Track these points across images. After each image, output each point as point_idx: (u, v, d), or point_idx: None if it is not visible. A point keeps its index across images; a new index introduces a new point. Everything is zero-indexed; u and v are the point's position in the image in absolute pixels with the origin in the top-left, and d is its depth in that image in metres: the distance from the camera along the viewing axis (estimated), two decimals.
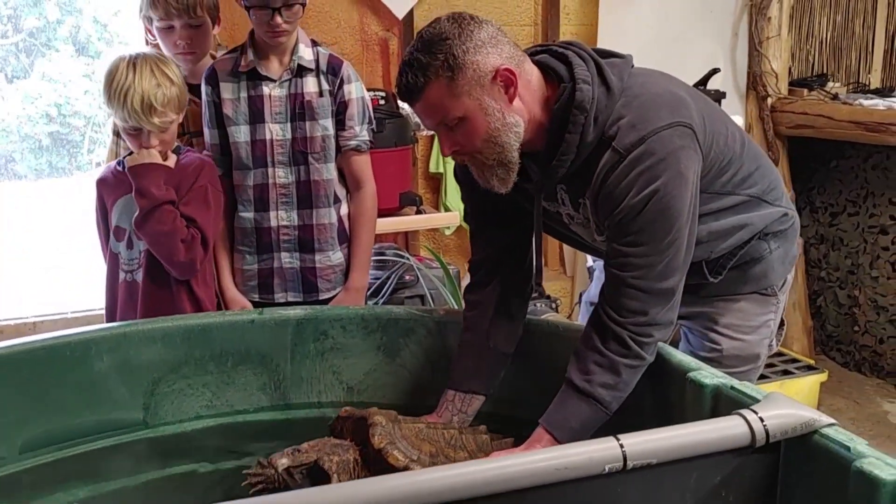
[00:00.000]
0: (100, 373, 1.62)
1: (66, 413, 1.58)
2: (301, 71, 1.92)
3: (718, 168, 1.50)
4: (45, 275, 4.75)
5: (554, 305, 3.07)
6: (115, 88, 1.76)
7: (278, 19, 1.81)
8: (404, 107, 3.05)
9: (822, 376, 3.08)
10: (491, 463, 1.01)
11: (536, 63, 1.44)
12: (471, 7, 3.19)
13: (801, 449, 1.11)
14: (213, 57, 2.09)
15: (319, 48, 1.97)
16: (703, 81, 3.01)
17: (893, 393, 3.26)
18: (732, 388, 1.27)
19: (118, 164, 1.92)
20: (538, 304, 2.95)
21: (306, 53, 1.93)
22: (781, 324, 1.77)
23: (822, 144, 3.42)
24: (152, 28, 2.00)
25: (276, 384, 1.73)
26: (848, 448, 1.05)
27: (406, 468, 1.35)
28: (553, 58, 1.44)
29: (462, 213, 2.97)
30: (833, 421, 1.11)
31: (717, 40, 3.47)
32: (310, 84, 1.92)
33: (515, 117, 1.38)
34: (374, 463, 1.41)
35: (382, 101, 2.90)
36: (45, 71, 7.57)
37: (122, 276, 1.93)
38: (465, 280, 3.22)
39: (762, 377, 3.02)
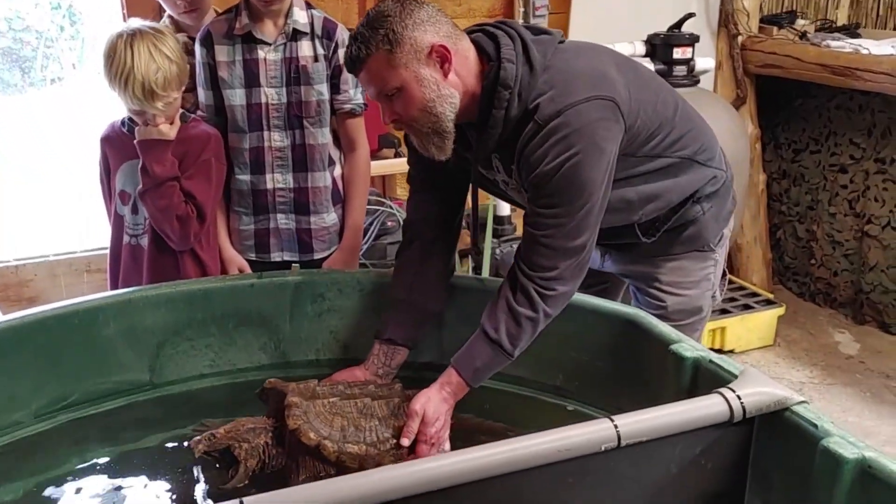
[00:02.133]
0: (107, 338, 1.69)
1: (77, 378, 1.66)
2: (296, 35, 1.92)
3: (647, 134, 1.61)
4: (15, 208, 4.67)
5: None
6: (115, 72, 1.75)
7: None
8: None
9: (780, 310, 3.26)
10: (499, 447, 1.11)
11: (472, 41, 1.55)
12: None
13: (773, 424, 1.23)
14: (216, 11, 2.08)
15: (314, 11, 1.97)
16: (678, 25, 3.04)
17: (844, 324, 3.46)
18: (711, 361, 1.39)
19: (122, 123, 1.93)
20: (513, 246, 3.05)
21: (301, 17, 1.93)
22: (724, 275, 1.92)
23: (789, 83, 3.50)
24: None
25: (276, 344, 1.82)
26: (816, 426, 1.17)
27: (318, 445, 1.46)
28: (486, 36, 1.55)
29: None
30: (804, 399, 1.24)
31: None
32: (305, 48, 1.92)
33: (450, 90, 1.49)
34: (290, 441, 1.51)
35: None
36: None
37: (126, 238, 1.97)
38: None
39: (724, 311, 3.19)
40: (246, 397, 1.77)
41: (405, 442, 1.49)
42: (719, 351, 3.17)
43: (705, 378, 1.39)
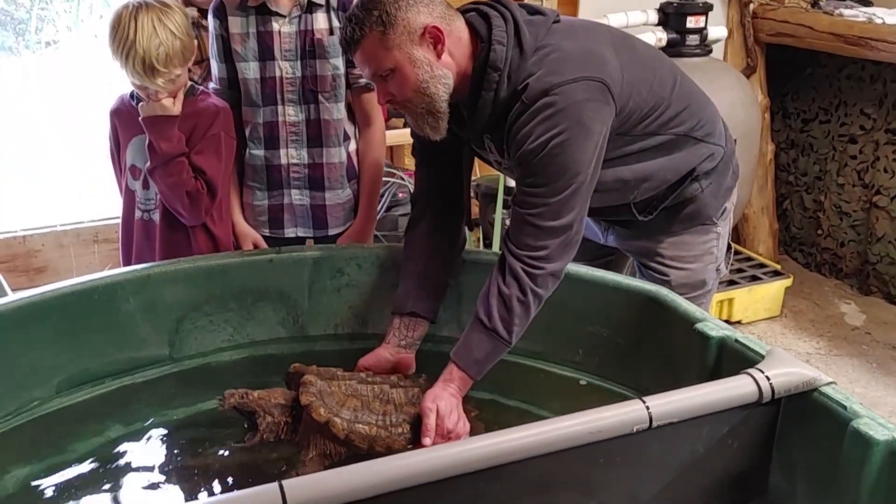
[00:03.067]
0: (127, 314, 1.68)
1: (97, 353, 1.66)
2: (311, 7, 1.88)
3: (641, 114, 1.60)
4: (18, 177, 4.63)
5: None
6: (118, 45, 1.72)
7: None
8: None
9: (787, 282, 3.27)
10: (533, 429, 1.11)
11: (466, 21, 1.55)
12: None
13: (800, 404, 1.24)
14: None
15: None
16: None
17: (850, 294, 3.47)
18: (737, 340, 1.39)
19: (130, 96, 1.90)
20: None
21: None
22: (728, 248, 1.92)
23: (799, 52, 3.46)
24: None
25: (295, 318, 1.82)
26: (845, 407, 1.18)
27: (328, 422, 1.47)
28: (479, 17, 1.55)
29: None
30: (832, 380, 1.24)
31: None
32: (320, 21, 1.88)
33: (444, 70, 1.50)
34: (304, 418, 1.52)
35: None
36: None
37: (138, 213, 1.95)
38: None
39: (732, 283, 3.20)
40: (264, 371, 1.78)
41: (427, 441, 1.48)
42: (726, 322, 3.17)
43: (731, 357, 1.39)
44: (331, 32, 1.90)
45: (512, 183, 3.09)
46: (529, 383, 1.71)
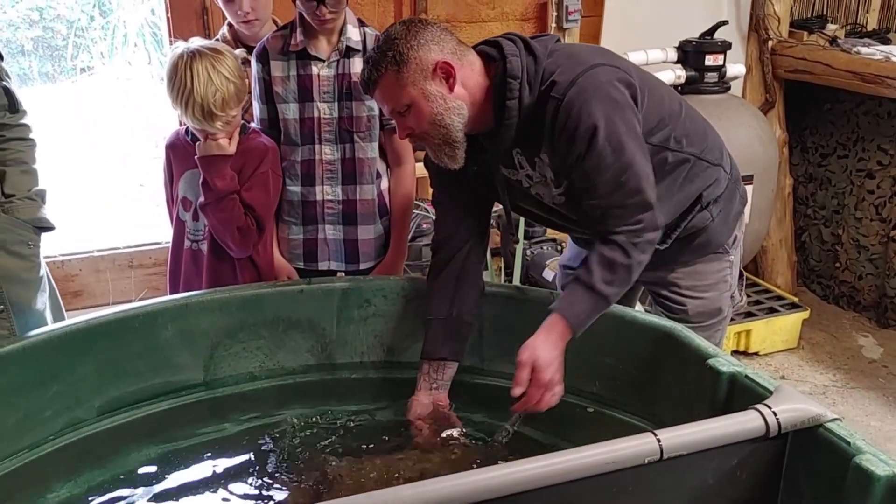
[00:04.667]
0: (165, 340, 1.77)
1: (136, 378, 1.75)
2: (349, 52, 1.98)
3: (651, 124, 1.67)
4: (62, 203, 4.76)
5: (560, 248, 3.23)
6: (177, 93, 1.83)
7: (323, 10, 1.87)
8: None
9: (805, 314, 3.31)
10: (548, 459, 1.18)
11: (478, 52, 1.64)
12: None
13: (806, 439, 1.29)
14: (276, 22, 2.14)
15: (366, 29, 2.03)
16: (710, 32, 3.08)
17: (867, 327, 3.50)
18: (747, 376, 1.45)
19: (186, 132, 2.00)
20: (543, 247, 3.11)
21: (354, 34, 1.99)
22: (741, 276, 1.99)
23: (817, 87, 3.52)
24: None
25: (323, 347, 1.90)
26: (848, 443, 1.23)
27: None
28: (489, 45, 1.65)
29: None
30: (837, 417, 1.30)
31: None
32: (357, 65, 1.98)
33: (457, 101, 1.58)
34: None
35: None
36: None
37: (187, 243, 2.05)
38: None
39: (749, 314, 3.24)
40: (293, 397, 1.86)
41: (516, 391, 1.55)
42: (744, 353, 3.23)
43: (741, 392, 1.45)
44: None
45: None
46: (547, 413, 1.77)
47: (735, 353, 3.21)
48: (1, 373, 1.56)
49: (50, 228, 1.85)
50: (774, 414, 1.29)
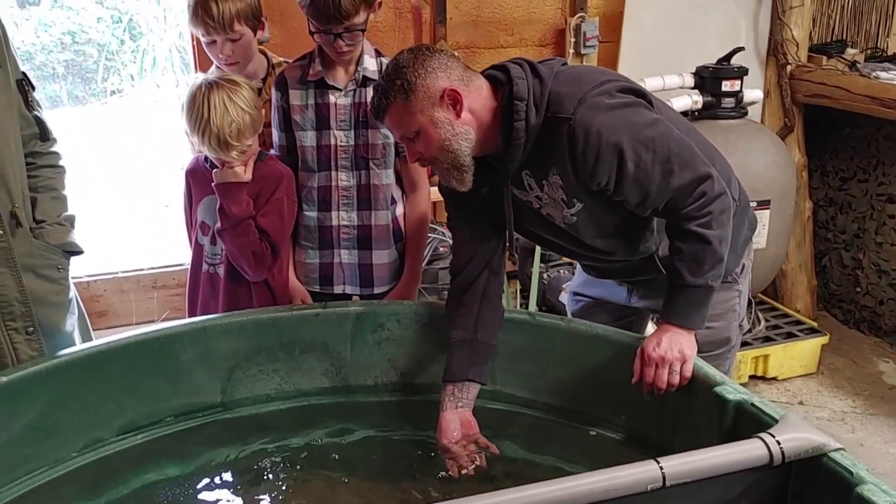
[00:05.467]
0: (184, 362, 1.82)
1: (155, 399, 1.80)
2: (366, 81, 2.02)
3: None
4: (87, 223, 4.85)
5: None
6: (194, 122, 1.89)
7: (340, 42, 1.92)
8: None
9: (824, 339, 3.29)
10: (553, 485, 1.20)
11: (486, 77, 1.68)
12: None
13: (810, 468, 1.30)
14: (263, 53, 2.19)
15: (383, 59, 2.07)
16: (727, 58, 3.10)
17: (889, 353, 3.47)
18: (753, 404, 1.46)
19: (205, 158, 2.05)
20: (560, 271, 3.13)
21: (370, 64, 2.04)
22: (749, 304, 1.99)
23: (837, 112, 3.52)
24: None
25: (338, 369, 1.93)
26: (851, 473, 1.24)
27: None
28: (496, 70, 1.69)
29: None
30: (841, 446, 1.31)
31: (740, 7, 3.53)
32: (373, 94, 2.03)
33: (464, 127, 1.62)
34: None
35: None
36: None
37: (205, 266, 2.11)
38: None
39: (767, 339, 3.23)
40: (308, 418, 1.89)
41: (634, 380, 1.64)
42: (762, 378, 3.21)
43: (747, 421, 1.46)
44: None
45: None
46: (563, 439, 1.79)
47: (753, 377, 3.20)
48: (26, 393, 1.62)
49: (79, 252, 1.90)
50: (778, 443, 1.30)
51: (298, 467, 1.79)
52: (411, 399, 1.93)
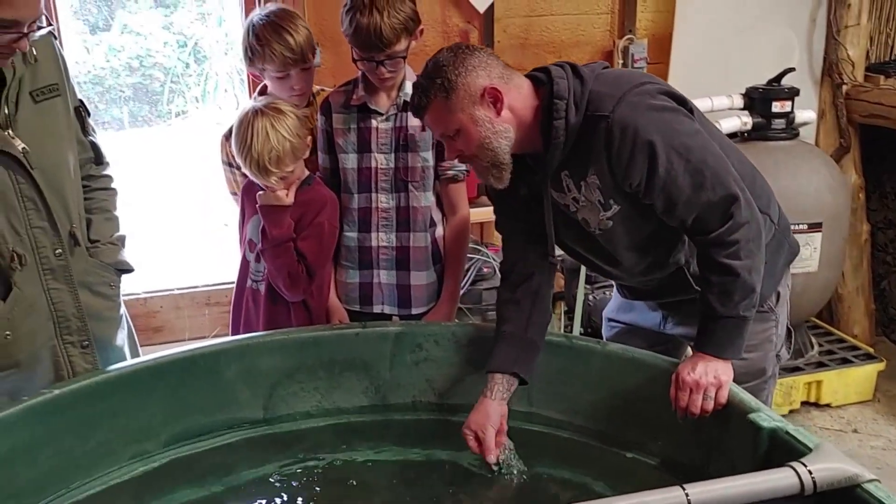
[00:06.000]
0: (228, 379, 1.88)
1: (200, 413, 1.85)
2: (406, 106, 2.06)
3: None
4: (145, 240, 5.01)
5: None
6: (238, 146, 1.96)
7: (382, 69, 1.98)
8: None
9: (881, 365, 3.20)
10: None
11: (527, 77, 1.68)
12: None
13: (843, 499, 1.28)
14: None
15: None
16: (778, 79, 3.06)
17: None
18: (787, 432, 1.44)
19: None
20: (606, 293, 3.12)
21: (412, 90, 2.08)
22: (789, 333, 1.94)
23: (895, 132, 3.44)
24: (263, 75, 2.14)
25: (377, 388, 1.97)
26: None
27: None
28: (537, 71, 1.70)
29: None
30: (875, 477, 1.28)
31: (793, 27, 3.48)
32: (414, 119, 2.04)
33: (504, 125, 1.63)
34: None
35: None
36: (126, 23, 7.85)
37: (249, 282, 2.18)
38: None
39: (821, 364, 3.16)
40: (347, 436, 1.93)
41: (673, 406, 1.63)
42: (815, 405, 3.14)
43: (781, 449, 1.44)
44: (423, 129, 2.08)
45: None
46: (597, 462, 1.79)
47: (805, 404, 3.13)
48: (76, 405, 1.69)
49: (129, 270, 1.98)
50: (810, 472, 1.29)
51: (337, 484, 1.81)
52: (449, 419, 1.94)
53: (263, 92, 2.23)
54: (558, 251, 1.86)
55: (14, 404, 1.62)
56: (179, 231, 5.20)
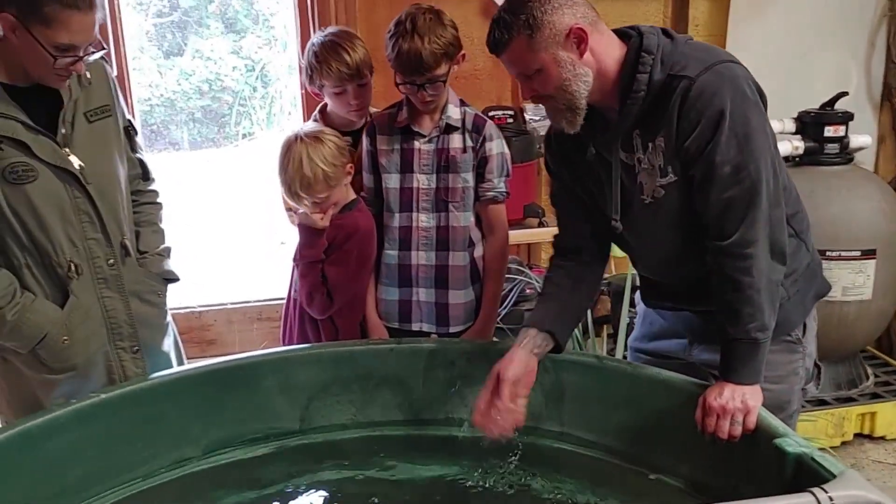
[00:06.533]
0: (266, 390, 1.94)
1: (239, 422, 1.92)
2: (449, 128, 2.13)
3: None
4: (205, 257, 5.19)
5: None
6: (279, 170, 2.06)
7: (423, 93, 2.04)
8: (531, 121, 3.23)
9: None
10: None
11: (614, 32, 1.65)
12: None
13: None
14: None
15: (467, 108, 2.18)
16: (831, 103, 3.01)
17: None
18: (813, 458, 1.43)
19: None
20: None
21: (454, 113, 2.14)
22: (818, 369, 1.88)
23: None
24: (322, 92, 2.23)
25: (410, 403, 2.00)
26: None
27: None
28: (626, 28, 1.66)
29: None
30: None
31: (850, 51, 3.42)
32: (455, 141, 2.13)
33: (585, 69, 1.58)
34: None
35: (510, 120, 3.09)
36: (198, 48, 8.17)
37: (294, 294, 2.28)
38: None
39: (875, 396, 3.07)
40: (380, 449, 1.97)
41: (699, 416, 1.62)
42: (868, 437, 3.05)
43: (806, 474, 1.42)
44: (464, 151, 2.14)
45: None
46: (623, 483, 1.79)
47: (858, 436, 3.04)
48: (122, 409, 1.77)
49: (175, 280, 2.08)
50: (831, 498, 1.28)
51: (369, 496, 1.85)
52: (480, 436, 1.96)
53: (324, 111, 2.32)
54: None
55: (65, 406, 1.72)
56: (241, 248, 5.37)
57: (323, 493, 1.87)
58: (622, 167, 1.70)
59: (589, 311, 3.38)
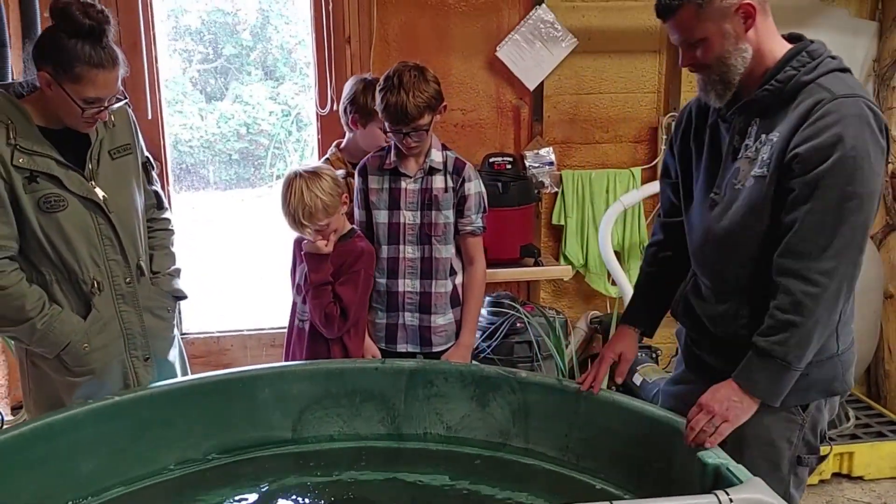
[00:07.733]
0: (262, 401, 2.16)
1: (237, 429, 2.14)
2: (432, 170, 2.39)
3: None
4: (226, 287, 5.46)
5: (654, 355, 3.36)
6: (281, 203, 2.30)
7: (408, 140, 2.30)
8: (531, 167, 3.46)
9: None
10: None
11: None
12: (598, 76, 3.55)
13: None
14: None
15: (448, 152, 2.44)
16: None
17: None
18: (728, 469, 1.60)
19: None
20: (638, 354, 3.26)
21: (437, 157, 2.40)
22: (820, 458, 1.87)
23: None
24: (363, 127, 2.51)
25: (392, 418, 2.21)
26: None
27: None
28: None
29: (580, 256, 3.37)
30: None
31: None
32: (438, 181, 2.39)
33: (746, 45, 1.64)
34: None
35: (509, 166, 3.32)
36: (238, 93, 8.58)
37: (297, 322, 2.50)
38: (580, 322, 3.56)
39: (854, 437, 3.17)
40: (364, 458, 2.16)
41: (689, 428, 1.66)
42: (846, 476, 3.15)
43: (723, 483, 1.59)
44: (445, 190, 2.39)
45: None
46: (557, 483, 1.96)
47: (836, 475, 3.15)
48: (132, 412, 2.01)
49: (183, 297, 2.33)
50: (731, 500, 1.45)
51: (349, 500, 2.05)
52: (455, 450, 2.15)
53: (339, 144, 2.63)
54: None
55: (81, 405, 1.96)
56: (267, 279, 5.65)
57: (306, 494, 2.07)
58: (731, 148, 1.73)
59: (582, 349, 3.58)
